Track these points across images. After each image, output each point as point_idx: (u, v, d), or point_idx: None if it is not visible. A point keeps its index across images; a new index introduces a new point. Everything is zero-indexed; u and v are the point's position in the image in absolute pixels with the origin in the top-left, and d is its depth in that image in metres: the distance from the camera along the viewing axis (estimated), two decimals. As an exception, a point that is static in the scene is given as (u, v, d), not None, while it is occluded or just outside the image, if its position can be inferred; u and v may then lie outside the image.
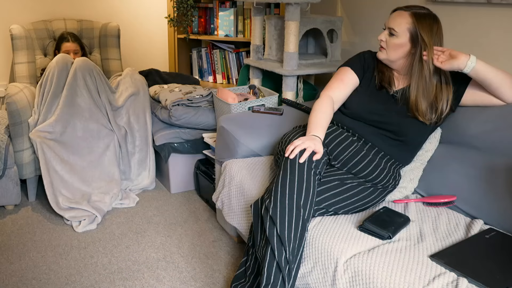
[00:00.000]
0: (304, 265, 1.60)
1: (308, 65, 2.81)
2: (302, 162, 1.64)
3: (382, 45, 1.88)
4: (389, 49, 1.85)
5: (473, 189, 1.78)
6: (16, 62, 3.03)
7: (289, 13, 2.57)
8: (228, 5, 3.53)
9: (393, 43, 1.82)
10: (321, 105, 1.87)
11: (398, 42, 1.81)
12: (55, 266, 2.18)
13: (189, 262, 2.23)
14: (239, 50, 3.60)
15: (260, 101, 2.65)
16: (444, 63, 1.73)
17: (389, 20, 1.85)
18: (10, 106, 2.60)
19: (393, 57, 1.86)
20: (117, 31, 3.35)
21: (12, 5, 3.30)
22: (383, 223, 1.60)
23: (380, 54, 1.90)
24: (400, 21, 1.80)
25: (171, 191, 2.97)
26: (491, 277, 1.34)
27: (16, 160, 2.65)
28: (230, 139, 2.25)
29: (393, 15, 1.85)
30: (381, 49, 1.89)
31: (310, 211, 1.61)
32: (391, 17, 1.84)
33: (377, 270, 1.39)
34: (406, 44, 1.81)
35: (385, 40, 1.86)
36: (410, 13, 1.80)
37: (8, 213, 2.67)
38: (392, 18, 1.84)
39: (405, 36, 1.80)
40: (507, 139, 1.75)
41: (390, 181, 1.84)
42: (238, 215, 2.05)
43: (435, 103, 1.82)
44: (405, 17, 1.80)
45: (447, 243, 1.54)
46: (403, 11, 1.82)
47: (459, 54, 1.71)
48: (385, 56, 1.88)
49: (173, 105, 2.84)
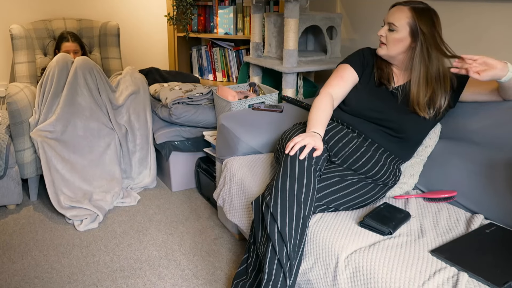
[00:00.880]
0: (305, 261, 1.61)
1: (307, 62, 2.81)
2: (302, 159, 1.65)
3: (382, 41, 1.88)
4: (389, 44, 1.85)
5: (473, 184, 1.79)
6: (16, 62, 3.04)
7: (288, 10, 2.57)
8: (228, 3, 3.53)
9: (393, 38, 1.83)
10: (320, 102, 1.87)
11: (398, 37, 1.82)
12: (57, 265, 2.19)
13: (190, 259, 2.24)
14: (238, 48, 3.60)
15: (260, 99, 2.65)
16: (482, 74, 1.61)
17: (388, 16, 1.85)
18: (10, 106, 2.60)
19: (393, 52, 1.86)
20: (117, 30, 3.35)
21: (11, 5, 3.30)
22: (383, 219, 1.61)
23: (380, 50, 1.90)
24: (400, 15, 1.80)
25: (172, 189, 2.98)
26: (492, 271, 1.34)
27: (17, 160, 2.66)
28: (231, 137, 2.26)
29: (392, 10, 1.85)
30: (381, 45, 1.90)
31: (311, 208, 1.62)
32: (390, 12, 1.85)
33: (378, 266, 1.40)
34: (406, 38, 1.81)
35: (385, 36, 1.86)
36: (409, 8, 1.80)
37: (10, 212, 2.68)
38: (391, 13, 1.84)
39: (405, 30, 1.80)
40: (506, 134, 1.75)
41: (391, 177, 1.85)
42: (239, 212, 2.05)
43: (434, 98, 1.82)
44: (404, 11, 1.80)
45: (447, 238, 1.55)
46: (402, 6, 1.82)
47: (496, 62, 1.62)
48: (385, 51, 1.88)
49: (173, 104, 2.85)
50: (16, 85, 2.81)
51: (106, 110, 2.82)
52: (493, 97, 1.81)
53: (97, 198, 2.66)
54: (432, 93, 1.81)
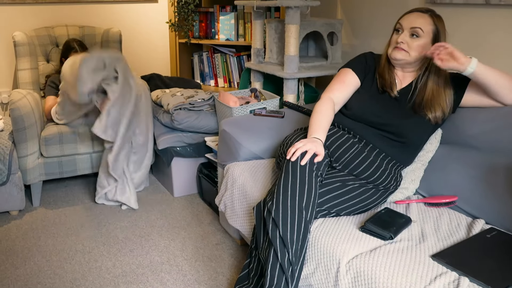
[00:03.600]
0: (307, 266, 1.61)
1: (308, 67, 2.82)
2: (303, 164, 1.65)
3: (403, 47, 1.85)
4: (412, 50, 1.84)
5: (474, 189, 1.79)
6: (19, 68, 3.06)
7: (289, 16, 2.58)
8: (229, 9, 3.55)
9: (417, 44, 1.83)
10: (321, 107, 1.88)
11: (422, 43, 1.82)
12: (60, 271, 2.20)
13: (192, 265, 2.24)
14: (240, 53, 3.62)
15: (261, 104, 2.66)
16: (444, 62, 1.72)
17: (409, 21, 1.83)
18: (14, 112, 2.62)
19: (414, 58, 1.86)
20: (119, 36, 3.37)
21: (14, 13, 3.33)
22: (384, 223, 1.61)
23: (398, 54, 1.86)
24: (423, 21, 1.81)
25: (174, 195, 2.98)
26: (493, 276, 1.35)
27: (20, 166, 2.67)
28: (232, 142, 2.27)
29: (413, 16, 1.84)
30: (399, 49, 1.86)
31: (312, 213, 1.62)
32: (412, 18, 1.83)
33: (379, 270, 1.40)
34: (428, 44, 1.82)
35: (405, 42, 1.84)
36: (429, 15, 1.83)
37: (13, 218, 2.69)
38: (413, 19, 1.83)
39: (428, 36, 1.82)
40: (507, 139, 1.76)
41: (392, 182, 1.85)
42: (240, 217, 2.06)
43: (447, 98, 1.85)
44: (426, 18, 1.82)
45: (448, 243, 1.55)
46: (422, 12, 1.83)
47: (460, 56, 1.70)
48: (404, 56, 1.86)
49: (175, 109, 2.86)
50: (19, 91, 2.83)
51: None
52: (492, 101, 1.82)
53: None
54: (444, 94, 1.84)
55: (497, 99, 1.78)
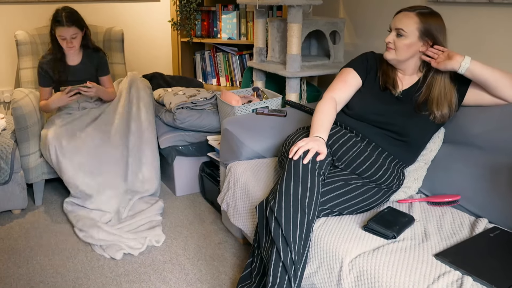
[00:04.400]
0: (310, 265, 1.61)
1: (311, 66, 2.82)
2: (306, 163, 1.65)
3: (390, 47, 1.88)
4: (398, 50, 1.85)
5: (477, 188, 1.79)
6: (21, 67, 3.06)
7: (292, 15, 2.58)
8: (231, 8, 3.55)
9: (403, 43, 1.83)
10: (323, 106, 1.88)
11: (408, 42, 1.82)
12: (62, 269, 2.20)
13: (195, 264, 2.24)
14: (242, 52, 3.62)
15: (263, 103, 2.66)
16: (440, 64, 1.78)
17: (395, 22, 1.85)
18: (16, 111, 2.62)
19: (403, 57, 1.87)
20: (121, 35, 3.37)
21: (16, 11, 3.33)
22: (387, 223, 1.61)
23: (388, 54, 1.89)
24: (407, 21, 1.81)
25: (176, 194, 2.98)
26: (496, 275, 1.34)
27: (23, 165, 2.67)
28: (234, 141, 2.26)
29: (399, 16, 1.85)
30: (389, 49, 1.89)
31: (315, 212, 1.62)
32: (397, 19, 1.85)
33: (382, 270, 1.40)
34: (416, 43, 1.82)
35: (392, 42, 1.86)
36: (415, 13, 1.82)
37: (15, 217, 2.69)
38: (398, 20, 1.84)
39: (414, 35, 1.81)
40: (510, 138, 1.76)
41: (394, 181, 1.85)
42: (243, 216, 2.06)
43: (452, 96, 1.86)
44: (412, 17, 1.81)
45: (451, 242, 1.55)
46: (408, 11, 1.83)
47: (455, 55, 1.75)
48: (394, 56, 1.88)
49: (177, 108, 2.86)
50: (21, 90, 2.83)
51: None
52: (495, 99, 1.82)
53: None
54: (452, 91, 1.85)
55: (497, 95, 1.78)
